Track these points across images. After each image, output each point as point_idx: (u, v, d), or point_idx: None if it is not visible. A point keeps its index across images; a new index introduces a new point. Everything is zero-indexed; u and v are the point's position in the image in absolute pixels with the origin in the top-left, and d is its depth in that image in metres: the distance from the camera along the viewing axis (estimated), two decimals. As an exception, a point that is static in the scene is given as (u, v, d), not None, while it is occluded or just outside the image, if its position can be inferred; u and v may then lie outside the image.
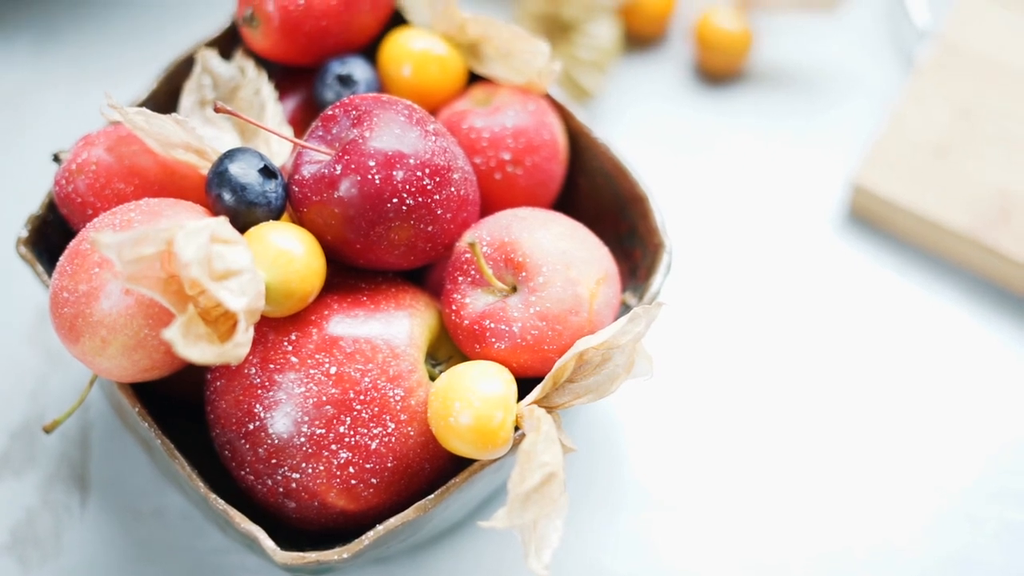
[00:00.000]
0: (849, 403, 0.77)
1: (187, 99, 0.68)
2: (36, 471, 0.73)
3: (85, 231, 0.59)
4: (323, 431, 0.58)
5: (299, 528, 0.62)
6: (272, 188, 0.60)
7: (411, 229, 0.60)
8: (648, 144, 0.85)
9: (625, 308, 0.66)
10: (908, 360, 0.78)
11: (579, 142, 0.71)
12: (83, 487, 0.72)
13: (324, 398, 0.59)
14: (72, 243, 0.59)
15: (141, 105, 0.68)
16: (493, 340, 0.60)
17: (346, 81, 0.67)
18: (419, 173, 0.60)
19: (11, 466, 0.73)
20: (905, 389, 0.77)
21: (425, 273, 0.67)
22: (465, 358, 0.63)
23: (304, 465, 0.59)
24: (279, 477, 0.59)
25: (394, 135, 0.60)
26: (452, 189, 0.61)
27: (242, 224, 0.59)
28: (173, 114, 0.61)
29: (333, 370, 0.59)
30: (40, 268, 0.64)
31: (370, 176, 0.59)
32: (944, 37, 0.85)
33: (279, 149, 0.65)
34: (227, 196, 0.59)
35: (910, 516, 0.73)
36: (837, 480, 0.74)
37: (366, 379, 0.59)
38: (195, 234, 0.54)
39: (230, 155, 0.60)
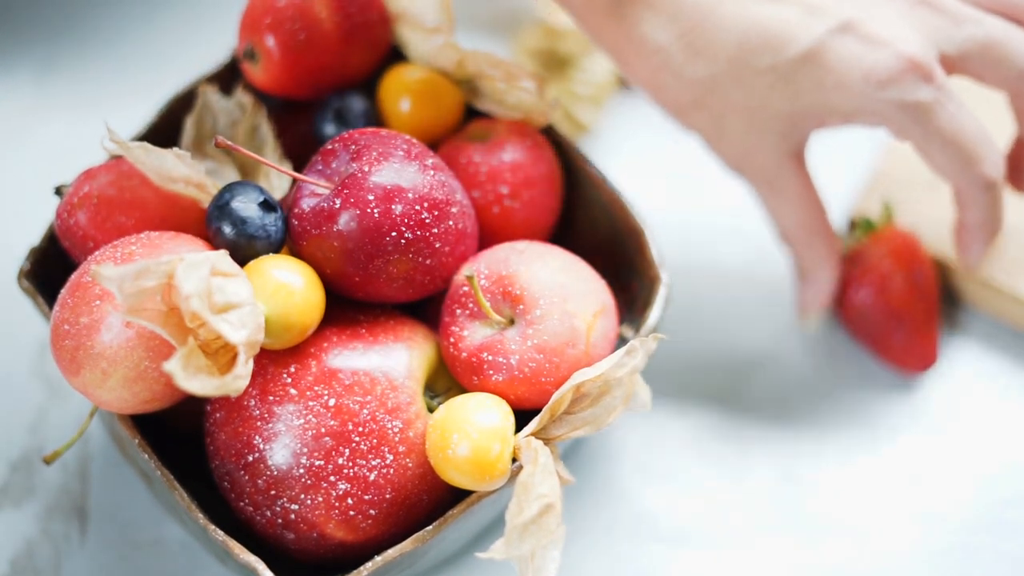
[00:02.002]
0: (843, 432, 0.77)
1: (188, 133, 0.68)
2: (36, 502, 0.73)
3: (86, 264, 0.59)
4: (322, 463, 0.59)
5: (298, 559, 0.62)
6: (272, 221, 0.60)
7: (409, 262, 0.61)
8: (644, 177, 0.85)
9: (622, 340, 0.67)
10: (903, 390, 0.78)
11: (576, 176, 0.71)
12: (83, 518, 0.72)
13: (323, 430, 0.59)
14: (73, 276, 0.59)
15: (142, 139, 0.69)
16: (491, 372, 0.61)
17: (345, 116, 0.68)
18: (417, 207, 0.60)
19: (11, 497, 0.73)
20: (898, 418, 0.78)
21: (424, 306, 0.67)
22: (463, 390, 0.63)
23: (303, 496, 0.59)
24: (278, 508, 0.60)
25: (393, 169, 0.60)
26: (450, 223, 0.62)
27: (242, 257, 0.60)
28: (174, 148, 0.61)
29: (332, 402, 0.59)
30: (41, 300, 0.64)
31: (369, 210, 0.59)
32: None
33: (279, 183, 0.65)
34: (227, 229, 0.60)
35: (904, 546, 0.73)
36: (831, 512, 0.74)
37: (365, 411, 0.59)
38: (196, 267, 0.54)
39: (230, 189, 0.60)
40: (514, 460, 0.59)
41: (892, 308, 0.76)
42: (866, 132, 0.87)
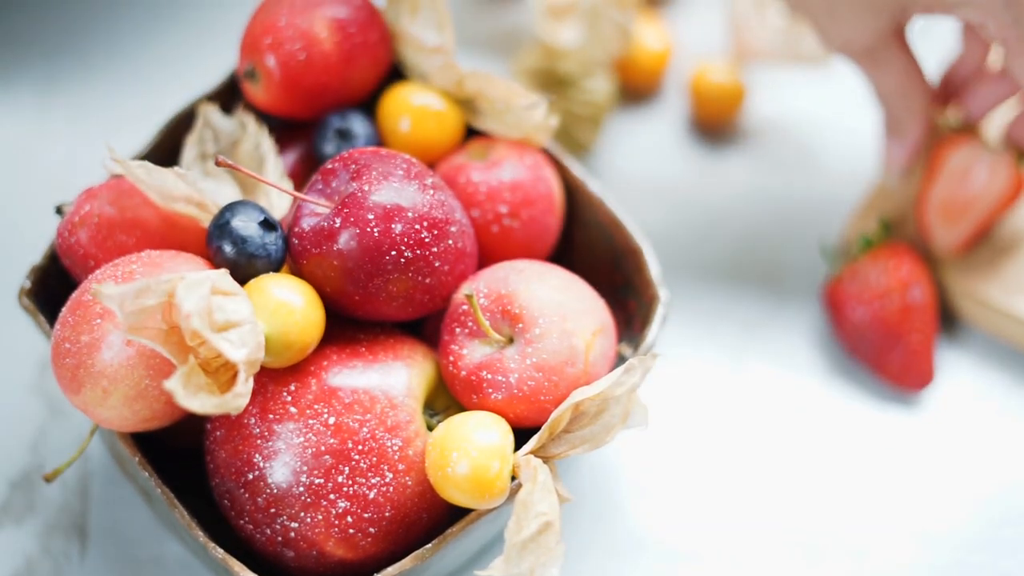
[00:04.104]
0: (842, 451, 0.77)
1: (188, 152, 0.69)
2: (36, 520, 0.73)
3: (87, 282, 0.60)
4: (322, 481, 0.59)
5: (297, 577, 0.62)
6: (272, 240, 0.61)
7: (409, 281, 0.61)
8: (643, 196, 0.86)
9: (621, 359, 0.67)
10: (900, 408, 0.79)
11: (575, 195, 0.71)
12: (83, 536, 0.72)
13: (323, 448, 0.59)
14: (74, 294, 0.59)
15: (142, 158, 0.69)
16: (490, 391, 0.61)
17: (345, 135, 0.68)
18: (417, 226, 0.60)
19: (11, 515, 0.73)
20: (896, 436, 0.78)
21: (423, 324, 0.67)
22: (462, 408, 0.63)
23: (303, 514, 0.59)
24: (278, 526, 0.60)
25: (392, 189, 0.61)
26: (450, 242, 0.62)
27: (242, 276, 0.60)
28: (175, 167, 0.62)
29: (332, 420, 0.59)
30: (42, 319, 0.64)
31: (369, 229, 0.60)
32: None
33: (279, 202, 0.66)
34: (228, 248, 0.60)
35: (903, 564, 0.73)
36: (829, 530, 0.75)
37: (364, 429, 0.60)
38: (196, 286, 0.54)
39: (231, 208, 0.60)
40: (513, 478, 0.59)
41: (890, 326, 0.76)
42: (865, 147, 0.88)
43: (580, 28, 0.84)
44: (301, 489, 0.59)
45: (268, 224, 0.61)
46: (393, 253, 0.60)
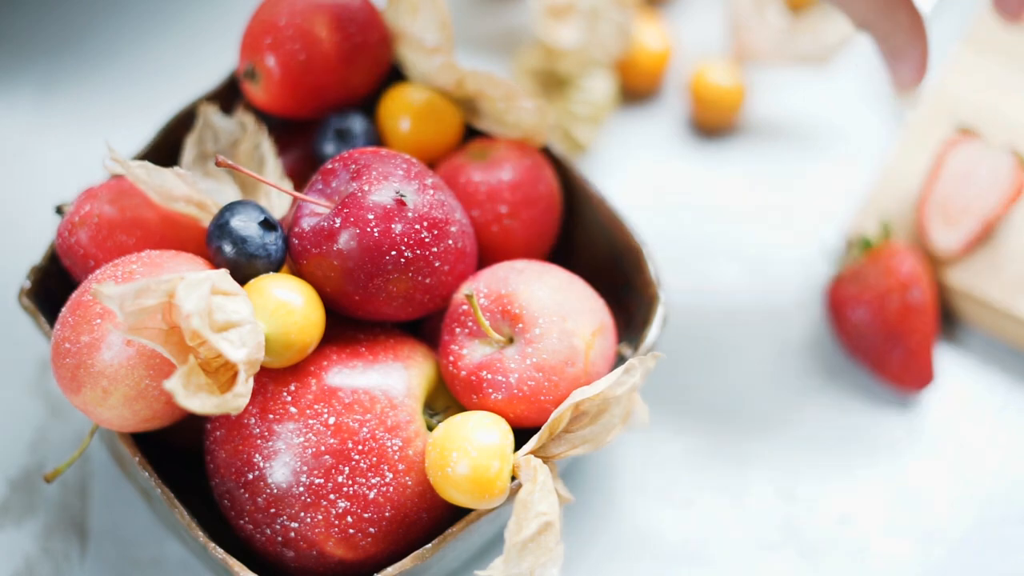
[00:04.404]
0: (842, 450, 0.77)
1: (188, 152, 0.69)
2: (36, 520, 0.73)
3: (87, 282, 0.60)
4: (321, 481, 0.59)
5: (297, 577, 0.62)
6: (272, 240, 0.61)
7: (409, 281, 0.61)
8: (643, 197, 0.86)
9: (621, 359, 0.67)
10: (901, 408, 0.79)
11: (575, 195, 0.71)
12: (82, 536, 0.72)
13: (323, 448, 0.59)
14: (74, 294, 0.59)
15: (142, 158, 0.69)
16: (490, 391, 0.61)
17: (345, 135, 0.68)
18: (417, 226, 0.60)
19: (11, 515, 0.73)
20: (896, 436, 0.78)
21: (423, 324, 0.67)
22: (462, 408, 0.63)
23: (303, 514, 0.59)
24: (278, 526, 0.60)
25: (392, 188, 0.61)
26: (450, 242, 0.62)
27: (242, 276, 0.60)
28: (175, 167, 0.62)
29: (332, 420, 0.59)
30: (42, 319, 0.64)
31: (369, 229, 0.60)
32: (933, 90, 0.86)
33: (279, 202, 0.66)
34: (228, 248, 0.60)
35: (903, 564, 0.73)
36: (830, 530, 0.75)
37: (364, 429, 0.60)
38: (196, 286, 0.54)
39: (231, 208, 0.60)
40: (513, 478, 0.59)
41: (890, 326, 0.76)
42: (865, 147, 0.88)
43: (580, 28, 0.84)
44: (301, 489, 0.59)
45: (268, 224, 0.61)
46: (393, 253, 0.60)
